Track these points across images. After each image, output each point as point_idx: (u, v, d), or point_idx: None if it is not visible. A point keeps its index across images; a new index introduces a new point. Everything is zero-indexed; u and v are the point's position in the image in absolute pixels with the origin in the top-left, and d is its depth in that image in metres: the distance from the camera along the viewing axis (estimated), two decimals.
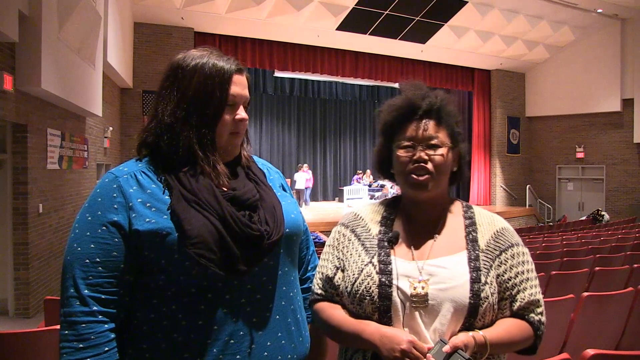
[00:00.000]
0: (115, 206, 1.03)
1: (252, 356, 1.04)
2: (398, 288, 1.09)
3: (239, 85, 1.11)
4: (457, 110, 1.20)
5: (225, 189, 1.09)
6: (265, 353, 1.06)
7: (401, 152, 1.15)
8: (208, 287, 1.02)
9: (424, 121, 1.15)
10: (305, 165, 15.75)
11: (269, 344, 1.07)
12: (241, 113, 1.11)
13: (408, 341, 1.01)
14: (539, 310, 1.12)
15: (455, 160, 1.19)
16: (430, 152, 1.13)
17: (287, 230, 1.13)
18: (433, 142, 1.13)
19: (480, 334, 1.03)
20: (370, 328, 1.07)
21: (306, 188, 15.02)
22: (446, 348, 0.98)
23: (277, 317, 1.09)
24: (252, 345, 1.04)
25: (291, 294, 1.15)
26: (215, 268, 0.99)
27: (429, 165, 1.12)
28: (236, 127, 1.11)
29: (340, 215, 1.31)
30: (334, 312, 1.16)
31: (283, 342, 1.09)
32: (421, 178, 1.12)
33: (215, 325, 1.02)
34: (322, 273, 1.21)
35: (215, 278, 1.01)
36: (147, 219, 1.01)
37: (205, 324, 1.01)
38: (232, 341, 1.02)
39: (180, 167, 1.07)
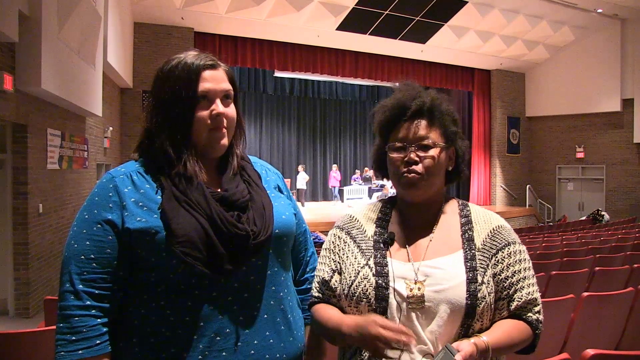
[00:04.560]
0: (110, 205, 1.06)
1: (238, 353, 1.06)
2: (395, 290, 1.08)
3: (212, 81, 1.11)
4: (452, 109, 1.19)
5: (219, 190, 1.11)
6: (252, 351, 1.07)
7: (393, 154, 1.14)
8: (195, 284, 1.04)
9: (415, 122, 1.14)
10: (335, 165, 16.52)
11: (255, 342, 1.08)
12: (217, 107, 1.11)
13: (373, 322, 0.99)
14: (536, 309, 1.11)
15: (451, 159, 1.18)
16: (422, 153, 1.12)
17: (277, 230, 1.14)
18: (424, 142, 1.12)
19: (481, 339, 1.01)
20: (348, 321, 1.07)
21: (333, 187, 15.85)
22: (458, 358, 0.94)
23: (265, 316, 1.11)
24: (238, 343, 1.06)
25: (281, 294, 1.15)
26: (201, 266, 1.01)
27: (419, 167, 1.11)
28: (214, 122, 1.11)
29: (341, 215, 1.30)
30: (326, 311, 1.16)
31: (271, 341, 1.10)
32: (411, 177, 1.11)
33: (201, 322, 1.04)
34: (319, 276, 1.21)
35: (201, 276, 1.03)
36: (139, 218, 1.04)
37: (191, 320, 1.04)
38: (218, 338, 1.04)
39: (168, 168, 1.09)
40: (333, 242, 1.22)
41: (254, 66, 12.56)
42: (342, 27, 11.71)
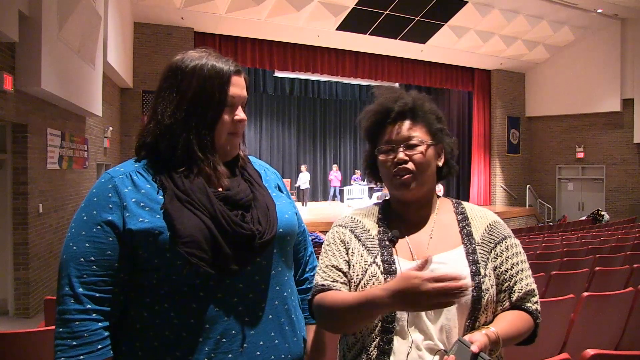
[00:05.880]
0: (110, 206, 1.04)
1: (244, 355, 1.04)
2: None
3: (238, 87, 1.12)
4: (435, 107, 1.21)
5: (220, 189, 1.09)
6: (258, 352, 1.06)
7: (382, 157, 1.17)
8: (200, 285, 1.03)
9: (399, 123, 1.17)
10: (335, 165, 16.35)
11: (261, 343, 1.07)
12: (240, 114, 1.13)
13: (418, 280, 0.93)
14: (534, 299, 1.15)
15: (440, 156, 1.20)
16: (409, 152, 1.15)
17: (281, 230, 1.13)
18: (411, 142, 1.15)
19: (492, 331, 1.03)
20: (375, 292, 1.00)
21: (335, 187, 15.69)
22: (474, 348, 0.95)
23: (270, 316, 1.10)
24: (244, 344, 1.05)
25: (285, 294, 1.15)
26: (206, 267, 0.99)
27: (410, 165, 1.14)
28: (235, 127, 1.12)
29: (340, 217, 1.30)
30: (337, 294, 1.11)
31: (276, 341, 1.10)
32: (403, 178, 1.14)
33: (206, 324, 1.02)
34: (330, 265, 1.16)
35: (206, 277, 1.02)
36: (141, 219, 1.02)
37: (196, 322, 1.02)
38: (223, 340, 1.03)
39: (176, 167, 1.07)
40: (339, 237, 1.20)
41: (254, 66, 12.54)
42: (342, 27, 11.71)
